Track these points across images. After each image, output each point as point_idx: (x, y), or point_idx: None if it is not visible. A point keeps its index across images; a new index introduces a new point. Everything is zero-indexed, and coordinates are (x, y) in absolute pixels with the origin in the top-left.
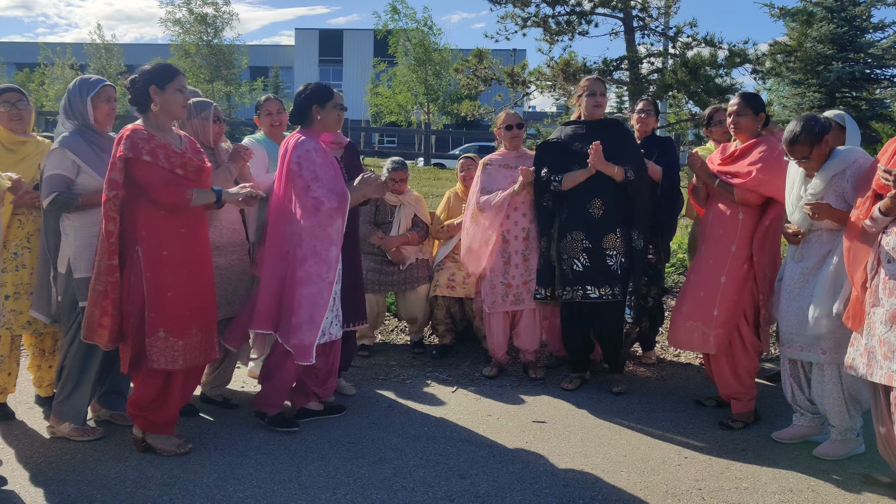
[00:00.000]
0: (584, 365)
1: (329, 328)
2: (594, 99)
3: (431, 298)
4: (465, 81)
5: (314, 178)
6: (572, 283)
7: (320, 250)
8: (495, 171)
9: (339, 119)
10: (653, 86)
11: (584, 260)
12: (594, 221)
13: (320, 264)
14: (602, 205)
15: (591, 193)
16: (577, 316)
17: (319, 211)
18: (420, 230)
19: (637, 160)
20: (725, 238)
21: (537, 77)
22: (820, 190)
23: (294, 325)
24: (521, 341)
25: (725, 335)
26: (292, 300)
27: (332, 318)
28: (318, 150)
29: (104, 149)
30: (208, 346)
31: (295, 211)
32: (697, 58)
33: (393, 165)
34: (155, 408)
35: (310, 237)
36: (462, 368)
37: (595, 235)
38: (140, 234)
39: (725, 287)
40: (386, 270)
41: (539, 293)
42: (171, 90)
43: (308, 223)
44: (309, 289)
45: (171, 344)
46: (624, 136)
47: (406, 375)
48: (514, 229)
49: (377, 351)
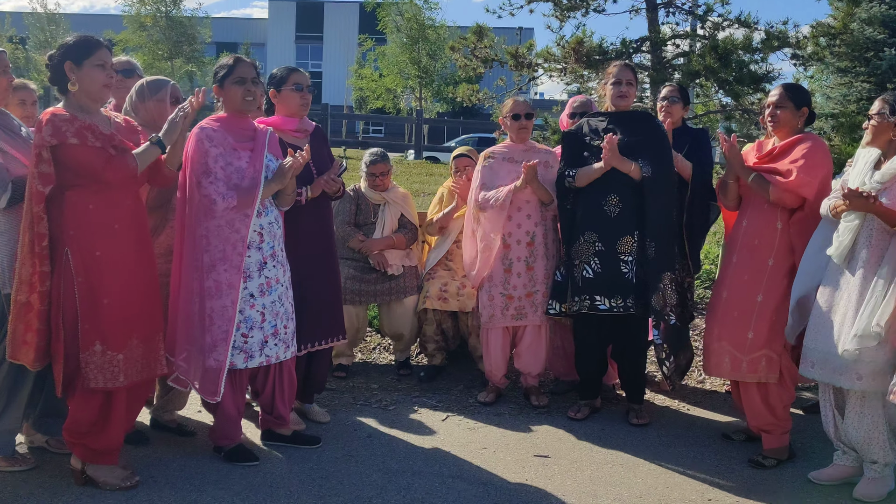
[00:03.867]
0: (595, 391)
1: (264, 349)
2: (619, 88)
3: (420, 312)
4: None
5: (205, 171)
6: (581, 291)
7: (230, 255)
8: (498, 165)
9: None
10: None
11: (596, 265)
12: (609, 221)
13: (232, 272)
14: (619, 202)
15: (608, 189)
16: (590, 331)
17: (212, 211)
18: (407, 232)
19: (660, 158)
20: (762, 250)
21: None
22: (888, 179)
23: (208, 345)
24: (523, 362)
25: (762, 362)
26: (203, 315)
27: (271, 334)
28: (216, 137)
29: (11, 129)
30: (152, 358)
31: (193, 211)
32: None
33: (371, 157)
34: (94, 434)
35: (218, 240)
36: (454, 393)
37: (609, 237)
38: (67, 233)
39: (762, 307)
40: (367, 279)
41: (552, 307)
42: (90, 66)
43: (213, 224)
44: (220, 301)
45: (110, 359)
46: (652, 131)
47: (389, 400)
48: (516, 232)
49: (356, 372)
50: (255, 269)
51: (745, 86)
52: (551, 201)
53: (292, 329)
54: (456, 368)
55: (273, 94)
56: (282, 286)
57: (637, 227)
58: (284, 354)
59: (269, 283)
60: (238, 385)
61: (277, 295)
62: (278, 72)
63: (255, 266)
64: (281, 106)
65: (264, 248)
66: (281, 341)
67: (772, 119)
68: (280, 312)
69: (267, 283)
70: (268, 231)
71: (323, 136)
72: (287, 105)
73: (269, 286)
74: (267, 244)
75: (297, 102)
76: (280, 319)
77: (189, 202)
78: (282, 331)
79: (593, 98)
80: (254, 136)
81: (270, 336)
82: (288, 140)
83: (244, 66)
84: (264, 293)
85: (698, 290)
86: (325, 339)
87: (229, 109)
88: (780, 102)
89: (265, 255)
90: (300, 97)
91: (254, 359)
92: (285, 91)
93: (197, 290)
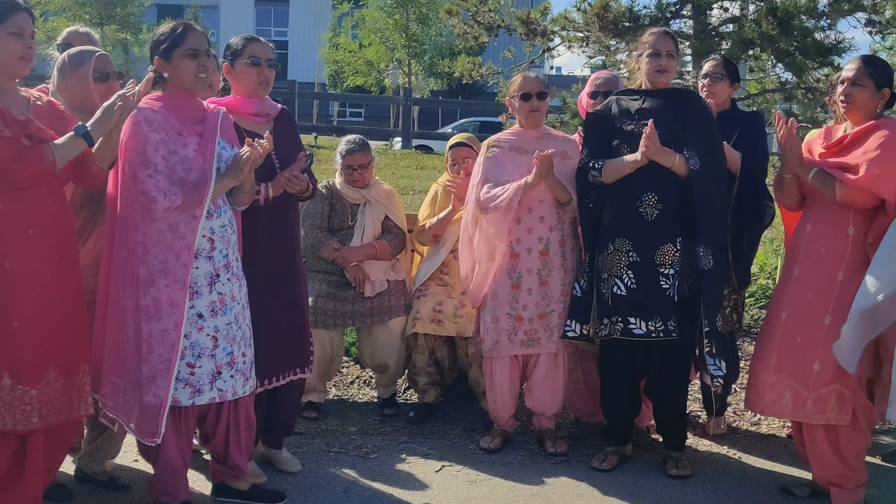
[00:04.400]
0: (626, 435)
1: (216, 382)
2: (657, 61)
3: (409, 337)
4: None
5: (142, 162)
6: (611, 312)
7: (173, 267)
8: (504, 156)
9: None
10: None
11: (630, 280)
12: (645, 226)
13: (175, 287)
14: (657, 202)
15: (644, 186)
16: (621, 361)
17: (151, 212)
18: (393, 239)
19: (710, 147)
20: (829, 262)
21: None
22: None
23: (146, 377)
24: (536, 400)
25: (831, 399)
26: (138, 341)
27: (226, 364)
28: (156, 120)
29: None
30: (75, 395)
31: (129, 212)
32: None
33: (349, 146)
34: (5, 488)
35: (157, 248)
36: (451, 438)
37: (645, 245)
38: None
39: (830, 332)
40: (343, 297)
41: (571, 329)
42: (3, 34)
43: (153, 227)
44: (160, 323)
45: (21, 395)
46: (700, 114)
47: (371, 447)
48: (526, 239)
49: (330, 411)
50: (204, 283)
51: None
52: (570, 200)
53: (251, 358)
54: (453, 407)
55: (227, 70)
56: (238, 304)
57: (680, 233)
58: (242, 389)
59: (223, 299)
60: (183, 427)
61: (233, 315)
62: (233, 42)
63: (205, 279)
64: (237, 84)
65: (216, 257)
66: (238, 372)
67: (845, 99)
68: (237, 337)
69: (220, 301)
70: (220, 237)
71: (290, 120)
72: (243, 83)
73: (223, 304)
74: (219, 252)
75: (254, 80)
76: (237, 345)
77: (123, 201)
78: (239, 359)
79: (622, 73)
80: (203, 119)
81: (225, 366)
82: (246, 126)
83: (196, 36)
84: (216, 313)
85: (752, 309)
86: (286, 373)
87: (175, 87)
88: (858, 79)
89: (217, 265)
90: (258, 73)
91: (202, 394)
92: (240, 66)
93: (131, 310)
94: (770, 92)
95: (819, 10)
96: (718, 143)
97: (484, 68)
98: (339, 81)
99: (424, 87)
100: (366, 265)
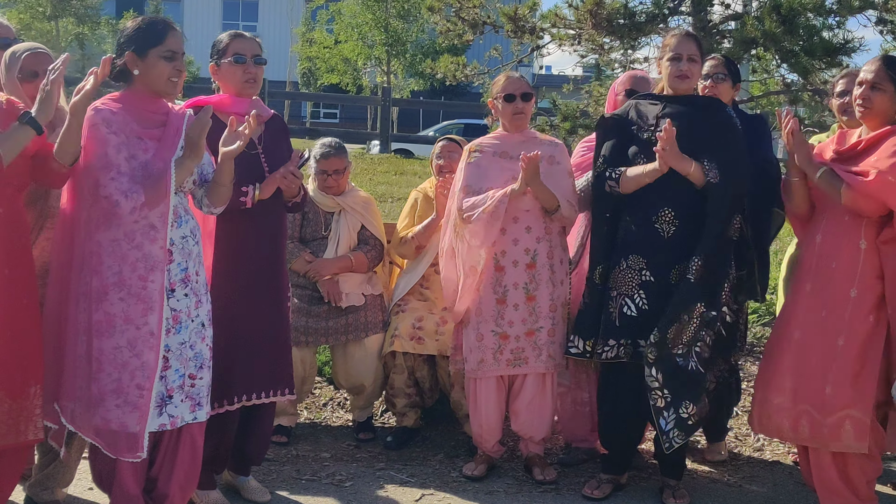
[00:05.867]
0: (627, 464)
1: (165, 407)
2: (677, 66)
3: (386, 356)
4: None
5: (104, 165)
6: (619, 333)
7: (129, 280)
8: (487, 161)
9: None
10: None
11: (641, 300)
12: (661, 243)
13: (130, 301)
14: (674, 218)
15: (660, 201)
16: (627, 385)
17: (116, 216)
18: (370, 250)
19: (733, 160)
20: (841, 276)
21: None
22: None
23: (95, 398)
24: (523, 423)
25: (845, 425)
26: (89, 358)
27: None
28: (115, 122)
29: None
30: (23, 417)
31: (88, 219)
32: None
33: (323, 150)
34: None
35: (112, 258)
36: (432, 464)
37: (660, 264)
38: None
39: (845, 353)
40: (316, 312)
41: (574, 345)
42: None
43: (108, 236)
44: (111, 340)
45: None
46: (725, 125)
47: (346, 474)
48: (512, 251)
49: (301, 436)
50: (156, 297)
51: (815, 58)
52: (557, 208)
53: (207, 381)
54: (434, 431)
55: (213, 71)
56: (193, 322)
57: (697, 250)
58: (190, 416)
59: (177, 317)
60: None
61: (187, 334)
62: (217, 40)
63: (157, 293)
64: (224, 84)
65: (172, 270)
66: (188, 398)
67: (862, 103)
68: (188, 357)
69: (173, 318)
70: (180, 248)
71: (283, 126)
72: (230, 82)
73: (177, 321)
74: (177, 266)
75: (240, 78)
76: (187, 367)
77: (81, 207)
78: (187, 383)
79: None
80: (165, 122)
81: (176, 389)
82: None
83: (176, 37)
84: (169, 331)
85: (755, 327)
86: (266, 391)
87: (142, 86)
88: (878, 81)
89: (173, 279)
90: (243, 71)
91: (151, 420)
92: (225, 64)
93: (84, 325)
94: (774, 94)
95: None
96: (743, 157)
97: (469, 68)
98: (313, 80)
99: (404, 87)
100: (340, 279)
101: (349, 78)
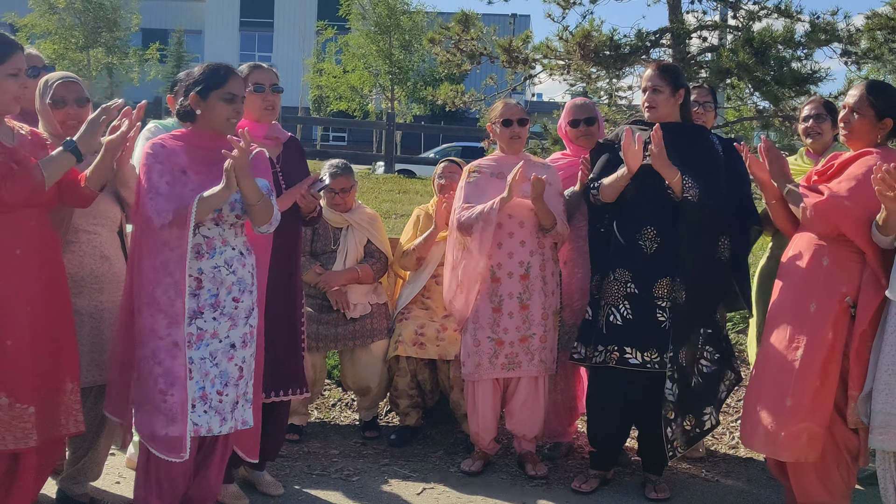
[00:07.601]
0: (613, 461)
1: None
2: (643, 97)
3: (391, 360)
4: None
5: (148, 189)
6: (606, 340)
7: (159, 298)
8: (485, 181)
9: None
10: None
11: (626, 310)
12: (644, 259)
13: (156, 316)
14: (656, 236)
15: (643, 219)
16: (615, 388)
17: (152, 233)
18: (375, 263)
19: (712, 184)
20: (803, 290)
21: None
22: None
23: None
24: (517, 423)
25: (802, 437)
26: (140, 367)
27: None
28: (163, 156)
29: None
30: (66, 412)
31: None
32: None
33: (332, 170)
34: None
35: (149, 281)
36: (433, 460)
37: (644, 278)
38: None
39: (805, 366)
40: (326, 320)
41: (577, 352)
42: (2, 76)
43: (149, 263)
44: (144, 349)
45: (20, 413)
46: (707, 150)
47: (353, 469)
48: (507, 263)
49: (312, 434)
50: (180, 315)
51: (785, 87)
52: (553, 226)
53: (231, 399)
54: (435, 430)
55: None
56: (221, 342)
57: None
58: (218, 428)
59: (202, 335)
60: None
61: (209, 351)
62: (240, 71)
63: (187, 313)
64: (245, 111)
65: (202, 295)
66: (214, 411)
67: (846, 127)
68: (210, 373)
69: (198, 335)
70: (210, 277)
71: (299, 149)
72: (250, 109)
73: (200, 339)
74: (206, 292)
75: (259, 105)
76: (209, 382)
77: (139, 238)
78: (214, 398)
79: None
80: (216, 160)
81: (199, 400)
82: None
83: (237, 82)
84: (192, 345)
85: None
86: (283, 390)
87: (203, 125)
88: (859, 107)
89: (202, 303)
90: (262, 99)
91: (176, 424)
92: (246, 93)
93: (130, 335)
94: (747, 119)
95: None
96: (721, 181)
97: (467, 95)
98: (323, 106)
99: (407, 113)
100: (348, 289)
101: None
